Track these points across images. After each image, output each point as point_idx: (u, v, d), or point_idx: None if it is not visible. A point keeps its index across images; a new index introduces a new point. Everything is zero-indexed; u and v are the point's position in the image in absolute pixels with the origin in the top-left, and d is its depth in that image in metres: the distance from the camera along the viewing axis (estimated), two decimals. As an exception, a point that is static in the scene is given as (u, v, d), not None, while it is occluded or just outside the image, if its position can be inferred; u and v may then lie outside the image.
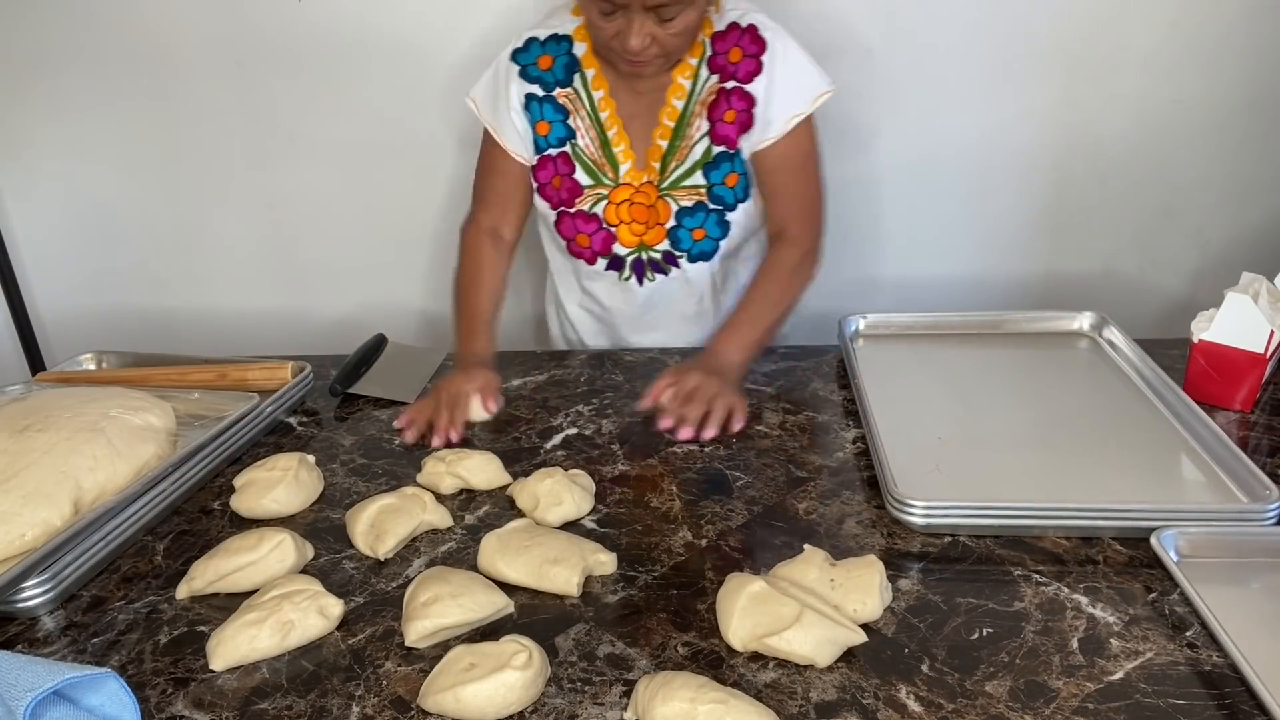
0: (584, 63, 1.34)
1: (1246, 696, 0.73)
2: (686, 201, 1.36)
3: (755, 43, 1.30)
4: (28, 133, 1.86)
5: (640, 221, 1.38)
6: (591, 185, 1.37)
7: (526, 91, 1.35)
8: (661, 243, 1.39)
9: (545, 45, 1.35)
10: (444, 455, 1.08)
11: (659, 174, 1.35)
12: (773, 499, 1.03)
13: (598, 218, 1.38)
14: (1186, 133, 1.74)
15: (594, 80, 1.34)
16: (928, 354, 1.35)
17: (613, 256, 1.41)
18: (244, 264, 1.96)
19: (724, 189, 1.35)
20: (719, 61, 1.31)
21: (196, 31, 1.75)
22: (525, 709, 0.75)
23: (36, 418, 1.05)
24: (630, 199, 1.36)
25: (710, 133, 1.32)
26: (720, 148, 1.33)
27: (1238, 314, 1.15)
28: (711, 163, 1.34)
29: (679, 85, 1.32)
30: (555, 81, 1.34)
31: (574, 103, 1.34)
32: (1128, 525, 0.93)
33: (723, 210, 1.36)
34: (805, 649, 0.78)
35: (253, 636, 0.81)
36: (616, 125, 1.34)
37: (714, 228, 1.37)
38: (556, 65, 1.34)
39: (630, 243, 1.39)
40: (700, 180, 1.35)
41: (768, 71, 1.29)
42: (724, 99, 1.31)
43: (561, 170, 1.36)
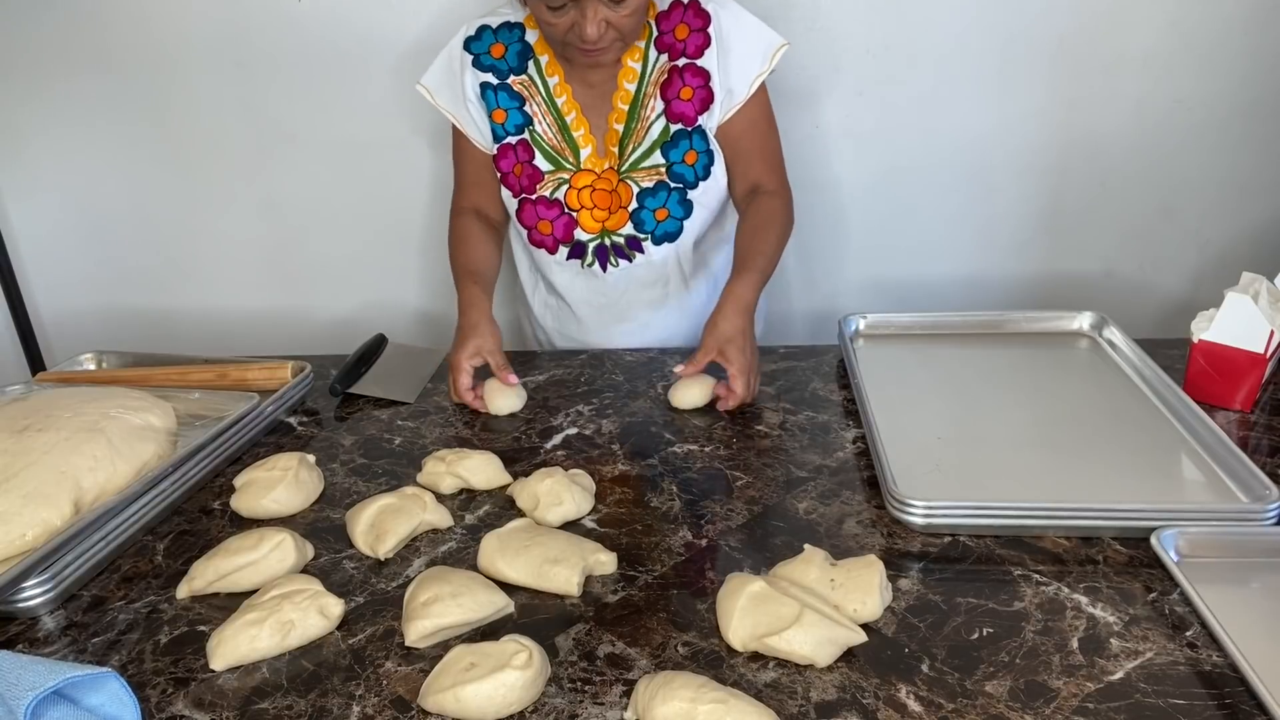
0: (536, 49, 1.34)
1: (1246, 696, 0.73)
2: (647, 182, 1.36)
3: (699, 16, 1.30)
4: (28, 133, 1.86)
5: (602, 207, 1.38)
6: (552, 170, 1.37)
7: (481, 80, 1.35)
8: (625, 226, 1.39)
9: (498, 33, 1.35)
10: (444, 455, 1.08)
11: (618, 158, 1.36)
12: (773, 499, 1.03)
13: (559, 203, 1.38)
14: (1186, 133, 1.74)
15: (548, 67, 1.34)
16: (928, 354, 1.35)
17: (574, 243, 1.41)
18: (244, 264, 1.96)
19: (683, 167, 1.35)
20: (666, 40, 1.32)
21: (196, 31, 1.75)
22: (525, 709, 0.75)
23: (36, 418, 1.05)
24: (592, 185, 1.37)
25: (666, 111, 1.33)
26: (677, 125, 1.33)
27: (1238, 314, 1.15)
28: (670, 141, 1.34)
29: (629, 68, 1.33)
30: (509, 69, 1.35)
31: (529, 89, 1.35)
32: (1128, 525, 0.93)
33: (684, 188, 1.36)
34: (805, 649, 0.78)
35: (253, 636, 0.81)
36: (575, 110, 1.35)
37: (676, 207, 1.37)
38: (510, 53, 1.34)
39: (592, 228, 1.39)
40: (659, 159, 1.35)
41: (716, 42, 1.30)
42: (676, 76, 1.32)
43: (521, 157, 1.37)
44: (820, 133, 1.76)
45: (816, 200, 1.79)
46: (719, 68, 1.31)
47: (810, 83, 1.72)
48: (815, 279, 1.86)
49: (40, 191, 1.91)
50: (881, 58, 1.70)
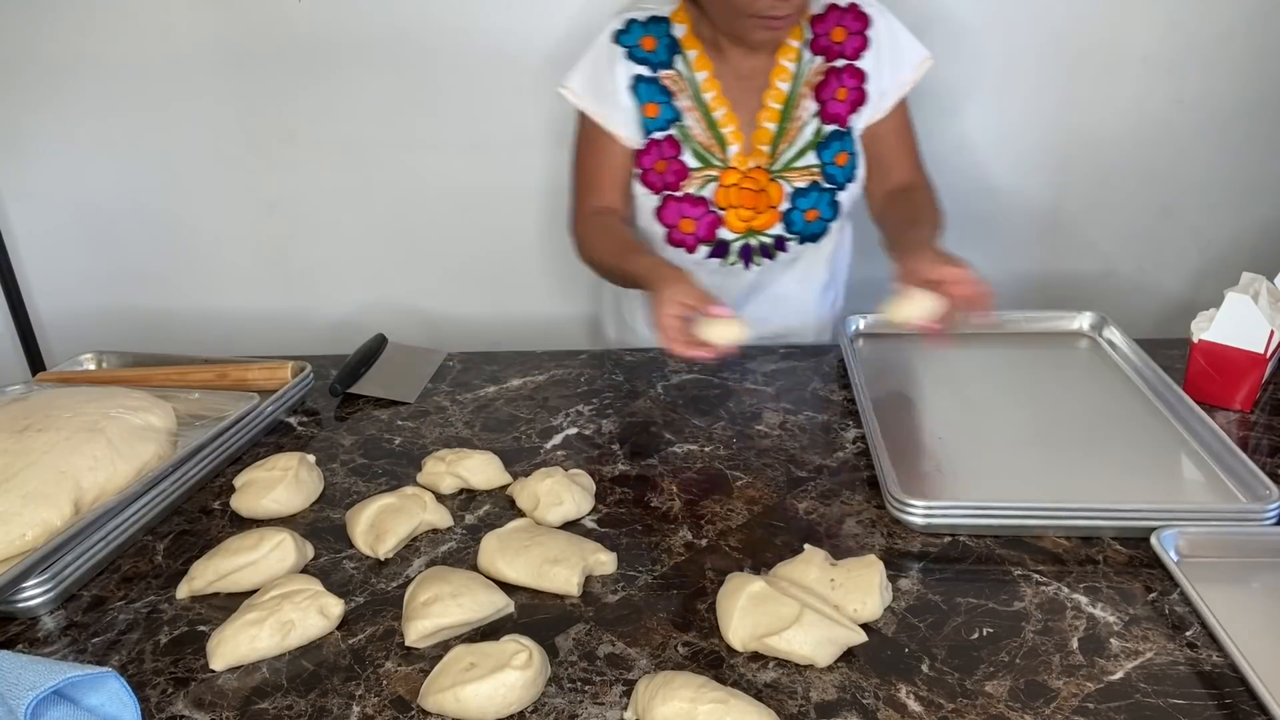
0: (684, 44, 1.33)
1: (1246, 696, 0.74)
2: (800, 182, 1.36)
3: (858, 19, 1.32)
4: (28, 133, 1.86)
5: (748, 206, 1.36)
6: (699, 168, 1.35)
7: (634, 73, 1.33)
8: (774, 226, 1.38)
9: (646, 27, 1.34)
10: (444, 455, 1.08)
11: (769, 157, 1.35)
12: (773, 499, 1.03)
13: (705, 200, 1.36)
14: (1186, 133, 1.74)
15: (696, 61, 1.33)
16: (928, 354, 1.34)
17: (717, 242, 1.39)
18: (244, 264, 1.96)
19: (835, 168, 1.35)
20: (822, 43, 1.33)
21: (197, 31, 1.75)
22: (525, 709, 0.75)
23: (36, 418, 1.05)
24: (738, 183, 1.35)
25: (820, 113, 1.34)
26: (831, 126, 1.34)
27: (1238, 314, 1.15)
28: (823, 143, 1.35)
29: (782, 67, 1.33)
30: (659, 63, 1.33)
31: (677, 84, 1.34)
32: (1128, 525, 0.93)
33: (834, 190, 1.36)
34: (805, 649, 0.78)
35: (253, 636, 0.81)
36: (724, 106, 1.34)
37: (826, 208, 1.37)
38: (659, 47, 1.33)
39: (738, 228, 1.38)
40: (813, 160, 1.35)
41: (874, 46, 1.32)
42: (834, 78, 1.33)
43: (666, 153, 1.35)
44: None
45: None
46: (874, 71, 1.33)
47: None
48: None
49: (40, 191, 1.91)
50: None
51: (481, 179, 1.84)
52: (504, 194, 1.85)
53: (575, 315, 1.94)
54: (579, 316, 1.94)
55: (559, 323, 1.96)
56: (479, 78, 1.76)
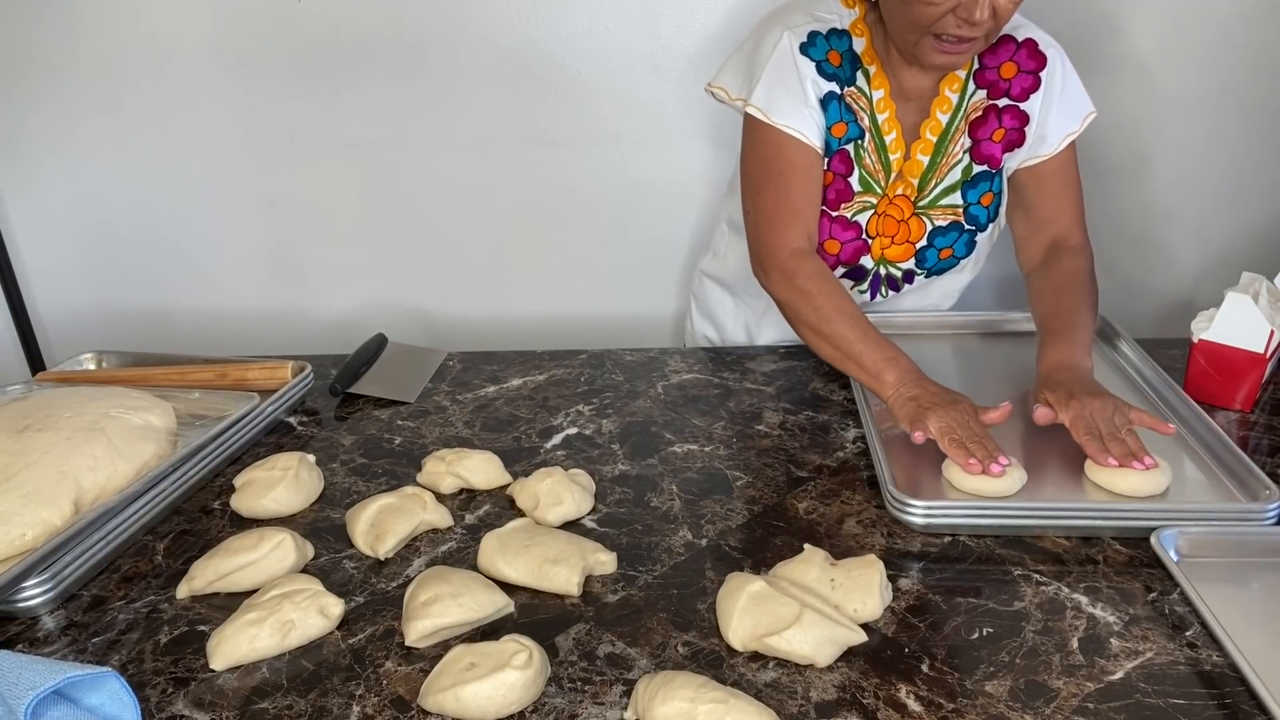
0: (864, 59, 1.24)
1: (1246, 696, 0.74)
2: (942, 221, 1.29)
3: (1034, 58, 1.24)
4: (28, 133, 1.85)
5: (887, 235, 1.30)
6: (861, 192, 1.27)
7: (826, 90, 1.22)
8: (907, 261, 1.32)
9: (829, 40, 1.23)
10: (444, 455, 1.08)
11: (916, 190, 1.28)
12: (773, 499, 1.03)
13: (858, 226, 1.29)
14: (1186, 133, 1.74)
15: (874, 79, 1.24)
16: (928, 354, 1.34)
17: (856, 268, 1.32)
18: (244, 264, 1.96)
19: (979, 209, 1.29)
20: (988, 76, 1.25)
21: (197, 31, 1.75)
22: (525, 709, 0.75)
23: (36, 418, 1.05)
24: (885, 211, 1.29)
25: (972, 150, 1.27)
26: (981, 167, 1.27)
27: (1238, 314, 1.15)
28: (970, 181, 1.28)
29: (945, 98, 1.25)
30: (845, 79, 1.23)
31: (858, 102, 1.24)
32: (1128, 525, 0.93)
33: (974, 230, 1.31)
34: (805, 649, 0.78)
35: (253, 636, 0.81)
36: (895, 130, 1.26)
37: (961, 248, 1.32)
38: (844, 62, 1.23)
39: (877, 256, 1.32)
40: (958, 200, 1.28)
41: (1046, 89, 1.24)
42: (993, 116, 1.25)
43: (836, 170, 1.26)
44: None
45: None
46: (1040, 116, 1.24)
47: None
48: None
49: (40, 191, 1.91)
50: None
51: (482, 179, 1.84)
52: (504, 194, 1.85)
53: (575, 315, 1.95)
54: (578, 316, 1.94)
55: (559, 322, 1.96)
56: (479, 77, 1.76)
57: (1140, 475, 0.97)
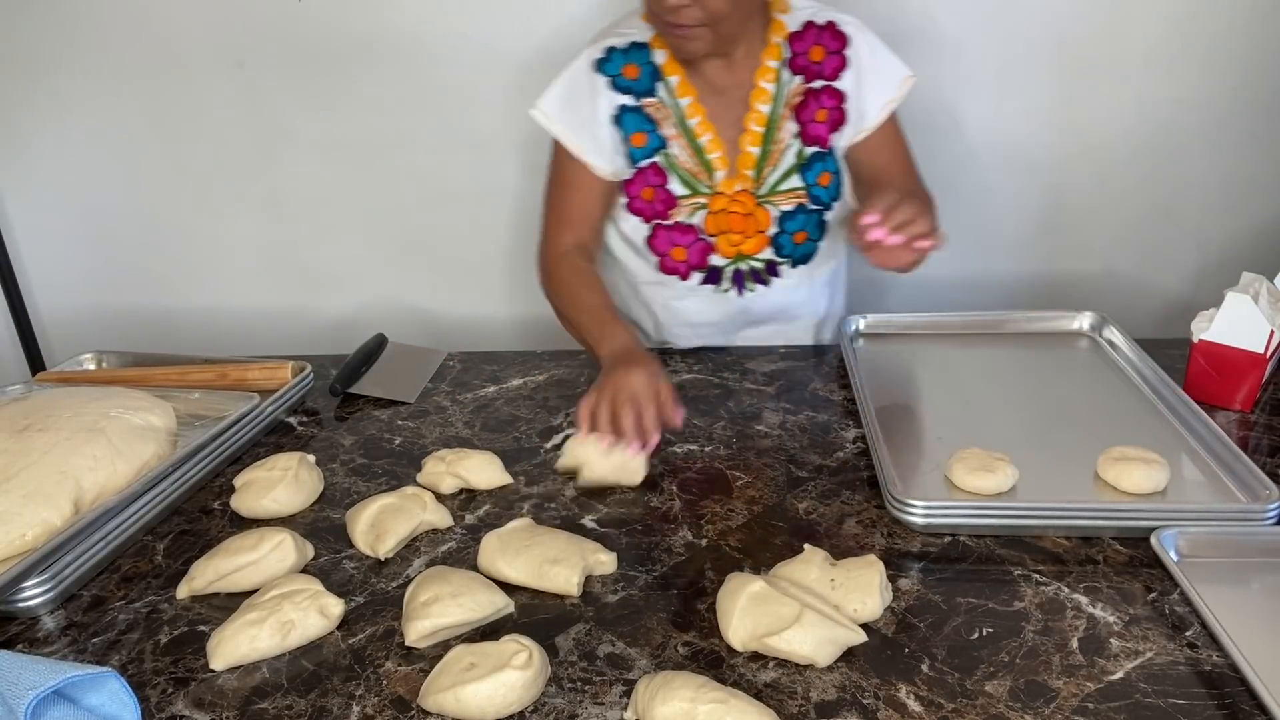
0: (665, 70, 1.30)
1: (1246, 696, 0.73)
2: (787, 205, 1.33)
3: (836, 39, 1.30)
4: (28, 133, 1.86)
5: (737, 231, 1.34)
6: (687, 195, 1.33)
7: (619, 103, 1.30)
8: (763, 251, 1.35)
9: (628, 54, 1.30)
10: (444, 455, 1.08)
11: (754, 181, 1.32)
12: (773, 499, 1.03)
13: (695, 228, 1.34)
14: (1186, 133, 1.74)
15: (679, 87, 1.30)
16: (928, 354, 1.35)
17: (709, 269, 1.36)
18: (244, 264, 1.96)
19: (820, 189, 1.33)
20: (800, 62, 1.30)
21: (197, 31, 1.75)
22: (525, 709, 0.75)
23: (36, 418, 1.05)
24: (726, 208, 1.33)
25: (801, 134, 1.31)
26: (813, 148, 1.32)
27: (1238, 314, 1.15)
28: (806, 164, 1.32)
29: (762, 90, 1.30)
30: (642, 91, 1.30)
31: (660, 111, 1.31)
32: (1128, 525, 0.93)
33: (820, 210, 1.35)
34: (805, 649, 0.78)
35: (253, 636, 0.81)
36: (710, 132, 1.31)
37: (814, 229, 1.35)
38: (642, 74, 1.30)
39: (728, 253, 1.35)
40: (798, 182, 1.33)
41: (854, 65, 1.30)
42: (813, 99, 1.30)
43: (653, 181, 1.32)
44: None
45: (816, 200, 1.79)
46: (854, 91, 1.30)
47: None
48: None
49: (40, 191, 1.91)
50: (881, 58, 1.70)
51: (482, 179, 1.85)
52: (505, 194, 1.85)
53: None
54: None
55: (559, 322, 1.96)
56: (479, 77, 1.76)
57: (1143, 471, 0.98)
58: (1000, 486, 0.98)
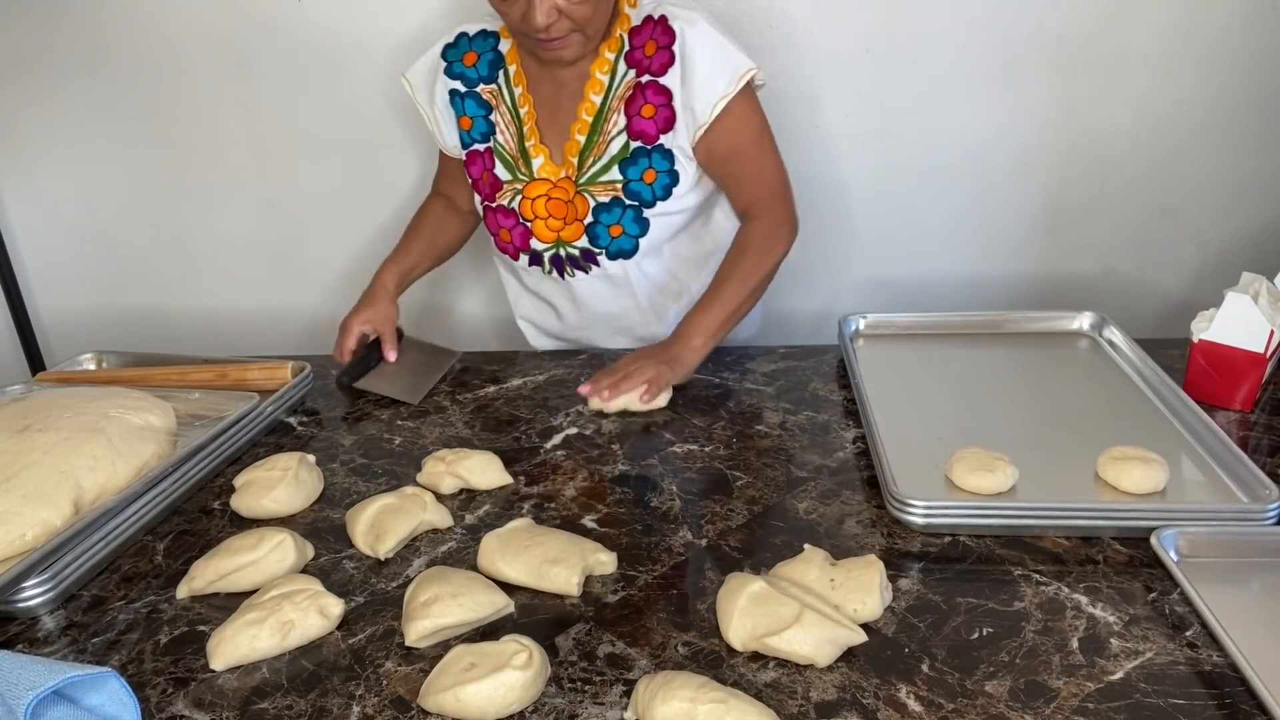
0: (508, 59, 1.36)
1: (1246, 696, 0.73)
2: (603, 197, 1.33)
3: (666, 33, 1.27)
4: (28, 133, 1.86)
5: (557, 217, 1.36)
6: (509, 180, 1.38)
7: (450, 88, 1.37)
8: (579, 239, 1.36)
9: (474, 41, 1.37)
10: (444, 455, 1.08)
11: (576, 169, 1.34)
12: (773, 499, 1.03)
13: (515, 213, 1.38)
14: (1186, 133, 1.74)
15: (514, 76, 1.35)
16: (928, 354, 1.35)
17: (531, 252, 1.40)
18: (244, 264, 1.96)
19: (640, 185, 1.32)
20: (635, 56, 1.30)
21: (196, 31, 1.75)
22: (525, 709, 0.75)
23: (36, 418, 1.05)
24: (547, 194, 1.36)
25: (627, 128, 1.31)
26: (637, 143, 1.31)
27: (1238, 314, 1.15)
28: (629, 159, 1.31)
29: (597, 80, 1.31)
30: (479, 78, 1.37)
31: (496, 98, 1.36)
32: (1128, 525, 0.93)
33: (639, 206, 1.33)
34: (805, 649, 0.78)
35: (253, 636, 0.81)
36: (531, 121, 1.35)
37: (631, 225, 1.34)
38: (481, 61, 1.36)
39: (547, 238, 1.38)
40: (617, 175, 1.32)
41: (680, 61, 1.26)
42: (639, 93, 1.29)
43: (486, 165, 1.39)
44: (820, 133, 1.76)
45: (816, 200, 1.78)
46: (682, 87, 1.27)
47: (809, 83, 1.71)
48: (816, 279, 1.86)
49: (40, 191, 1.91)
50: (881, 57, 1.70)
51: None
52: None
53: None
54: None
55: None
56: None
57: (1142, 471, 0.98)
58: (1000, 486, 0.98)
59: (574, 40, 1.23)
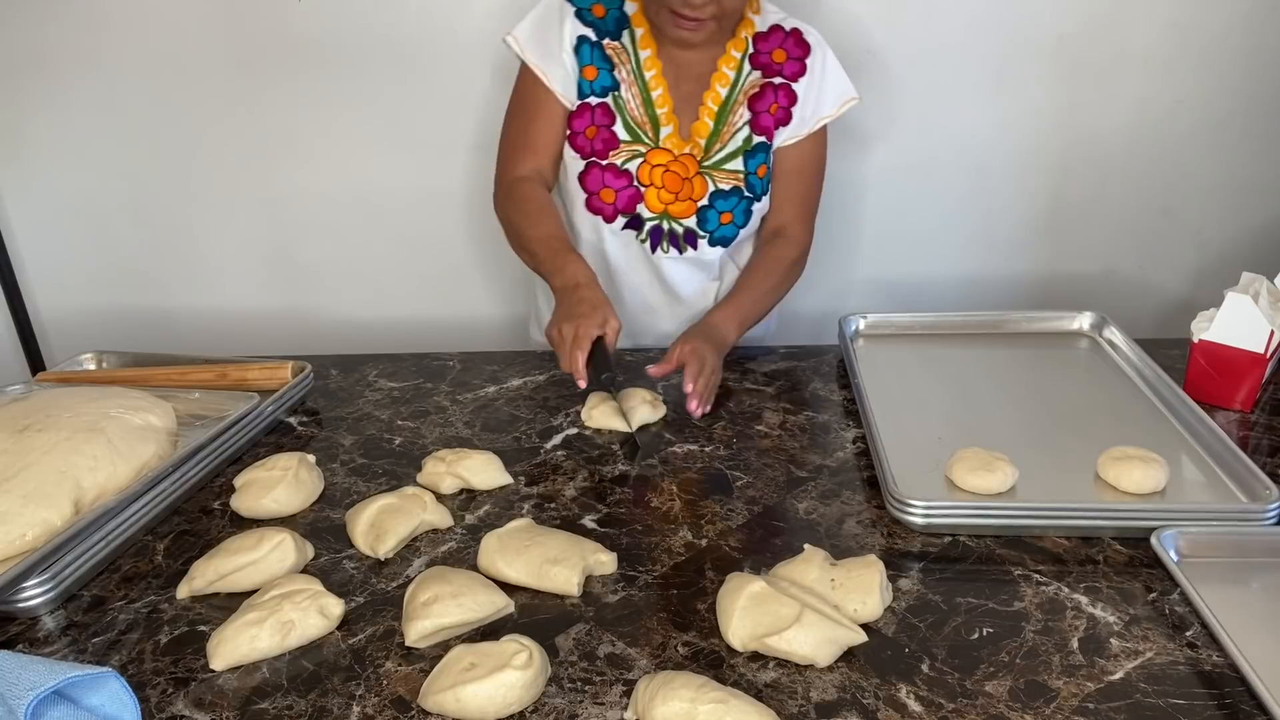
0: (634, 21, 1.35)
1: (1246, 696, 0.74)
2: (725, 184, 1.37)
3: (800, 46, 1.36)
4: (28, 133, 1.86)
5: (671, 191, 1.37)
6: (629, 141, 1.36)
7: (580, 33, 1.34)
8: (689, 218, 1.38)
9: None
10: (444, 455, 1.08)
11: (703, 150, 1.36)
12: (773, 499, 1.03)
13: (630, 174, 1.36)
14: (1186, 133, 1.74)
15: (642, 39, 1.34)
16: (928, 354, 1.35)
17: (634, 216, 1.38)
18: (244, 264, 1.96)
19: (756, 179, 1.37)
20: (762, 59, 1.36)
21: (197, 31, 1.75)
22: (525, 709, 0.75)
23: (36, 418, 1.05)
24: (667, 165, 1.36)
25: (752, 122, 1.36)
26: (760, 138, 1.36)
27: (1238, 314, 1.15)
28: (750, 151, 1.36)
29: (723, 74, 1.35)
30: (606, 31, 1.35)
31: (620, 56, 1.35)
32: (1128, 525, 0.93)
33: (752, 199, 1.38)
34: (805, 649, 0.78)
35: (253, 636, 0.81)
36: (662, 86, 1.35)
37: (740, 215, 1.38)
38: (609, 16, 1.35)
39: (656, 208, 1.38)
40: (739, 166, 1.37)
41: (810, 73, 1.36)
42: (770, 92, 1.35)
43: (599, 121, 1.35)
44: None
45: (816, 200, 1.79)
46: (804, 97, 1.36)
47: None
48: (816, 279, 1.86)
49: (40, 191, 1.91)
50: (881, 57, 1.70)
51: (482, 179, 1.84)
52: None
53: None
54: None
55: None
56: (479, 77, 1.76)
57: (1142, 471, 0.98)
58: (1000, 486, 0.98)
59: (710, 27, 1.26)
